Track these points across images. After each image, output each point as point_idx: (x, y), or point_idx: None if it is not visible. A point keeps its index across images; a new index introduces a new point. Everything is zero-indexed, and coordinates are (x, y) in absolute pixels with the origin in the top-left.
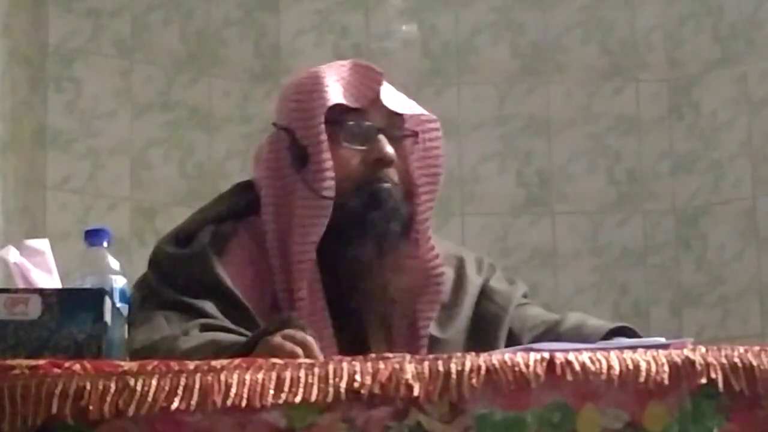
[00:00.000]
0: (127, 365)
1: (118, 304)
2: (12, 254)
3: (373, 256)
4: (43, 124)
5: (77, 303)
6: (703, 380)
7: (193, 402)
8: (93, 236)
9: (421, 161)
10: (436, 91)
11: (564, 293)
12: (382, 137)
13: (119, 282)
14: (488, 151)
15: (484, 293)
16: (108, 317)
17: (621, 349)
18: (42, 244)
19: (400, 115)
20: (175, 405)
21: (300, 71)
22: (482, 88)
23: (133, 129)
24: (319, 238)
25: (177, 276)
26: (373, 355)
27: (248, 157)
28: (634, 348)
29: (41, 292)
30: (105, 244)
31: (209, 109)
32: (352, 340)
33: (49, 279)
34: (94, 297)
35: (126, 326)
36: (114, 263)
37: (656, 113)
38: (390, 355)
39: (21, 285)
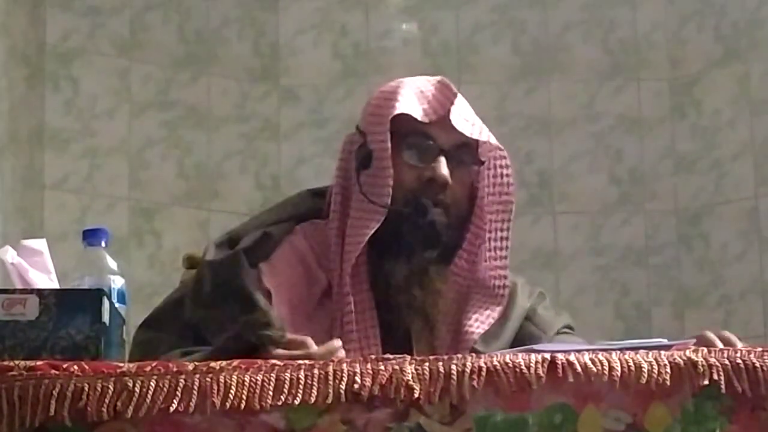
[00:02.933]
0: (126, 366)
1: (117, 305)
2: (9, 254)
3: (403, 272)
4: (41, 123)
5: (75, 303)
6: (706, 381)
7: (192, 403)
8: (91, 236)
9: (492, 188)
10: None
11: (565, 294)
12: (442, 159)
13: (117, 282)
14: None
15: (529, 317)
16: (106, 318)
17: (623, 350)
18: (40, 244)
19: (472, 141)
20: (173, 406)
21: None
22: (483, 87)
23: (131, 128)
24: (365, 239)
25: (205, 283)
26: (373, 357)
27: (247, 156)
28: (636, 349)
29: (39, 292)
30: (103, 244)
31: (208, 109)
32: (398, 344)
33: (47, 279)
34: (93, 297)
35: (124, 326)
36: (112, 263)
37: (658, 112)
38: (390, 356)
39: (19, 285)
